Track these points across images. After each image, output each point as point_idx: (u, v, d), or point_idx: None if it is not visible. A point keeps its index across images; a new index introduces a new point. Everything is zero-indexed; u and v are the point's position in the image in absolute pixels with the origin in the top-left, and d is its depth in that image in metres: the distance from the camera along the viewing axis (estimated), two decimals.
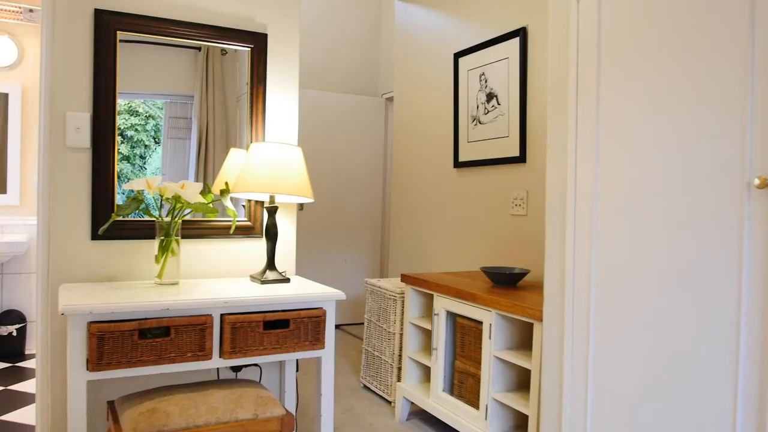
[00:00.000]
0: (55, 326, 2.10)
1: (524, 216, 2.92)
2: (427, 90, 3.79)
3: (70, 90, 2.11)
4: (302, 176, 2.18)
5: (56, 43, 2.09)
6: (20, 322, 3.81)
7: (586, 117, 1.79)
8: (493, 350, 2.30)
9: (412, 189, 3.92)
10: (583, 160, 1.79)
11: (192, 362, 1.83)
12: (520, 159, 2.92)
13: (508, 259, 3.04)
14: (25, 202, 3.91)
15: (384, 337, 3.16)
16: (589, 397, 1.77)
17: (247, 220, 2.39)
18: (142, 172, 2.25)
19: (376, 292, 3.26)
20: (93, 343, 1.69)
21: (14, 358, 3.75)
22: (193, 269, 2.32)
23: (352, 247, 5.07)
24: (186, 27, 2.26)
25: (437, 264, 3.63)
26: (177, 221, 2.08)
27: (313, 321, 1.99)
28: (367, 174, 5.11)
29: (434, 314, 2.63)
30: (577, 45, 1.84)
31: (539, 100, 2.85)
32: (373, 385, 3.28)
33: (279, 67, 2.46)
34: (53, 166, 2.10)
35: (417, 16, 3.92)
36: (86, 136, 2.12)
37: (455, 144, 3.42)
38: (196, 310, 1.83)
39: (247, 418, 1.79)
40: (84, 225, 2.14)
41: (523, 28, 2.92)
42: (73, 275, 2.13)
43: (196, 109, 2.34)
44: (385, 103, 5.16)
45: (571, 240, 1.82)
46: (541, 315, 2.04)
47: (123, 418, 1.73)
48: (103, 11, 2.13)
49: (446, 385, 2.63)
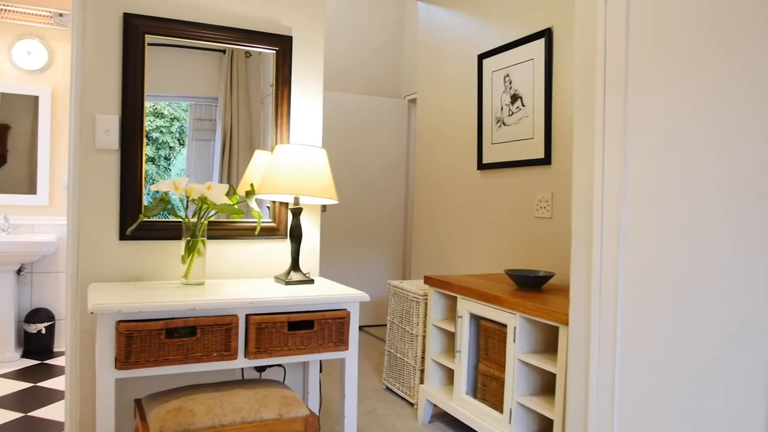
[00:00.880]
0: (84, 325, 2.14)
1: (549, 218, 2.89)
2: (450, 91, 3.78)
3: (100, 93, 2.15)
4: (327, 178, 2.19)
5: (86, 46, 2.13)
6: (49, 320, 3.88)
7: (614, 118, 1.76)
8: (517, 353, 2.28)
9: (435, 191, 3.91)
10: (610, 161, 1.77)
11: (218, 362, 1.84)
12: (545, 161, 2.89)
13: (532, 262, 3.01)
14: (54, 202, 3.99)
15: (407, 339, 3.16)
16: (615, 402, 1.74)
17: (271, 221, 2.41)
18: (166, 173, 2.28)
19: (399, 293, 3.25)
20: (121, 342, 1.71)
21: (43, 356, 3.83)
22: (218, 269, 2.34)
23: (374, 249, 5.07)
24: (212, 30, 2.28)
25: (460, 266, 3.61)
26: (203, 222, 2.10)
27: (337, 322, 2.00)
28: (389, 176, 5.11)
29: (457, 317, 2.62)
30: (604, 45, 1.81)
31: (565, 101, 2.82)
32: (396, 387, 3.28)
33: (303, 70, 2.47)
34: (83, 167, 2.14)
35: (440, 18, 3.92)
36: (115, 138, 2.16)
37: (479, 146, 3.40)
38: (222, 310, 1.85)
39: (271, 418, 1.80)
40: (112, 225, 2.17)
41: (549, 28, 2.89)
42: (101, 275, 2.16)
43: (221, 111, 2.37)
44: (407, 104, 5.16)
45: (598, 242, 1.80)
46: (566, 318, 2.02)
47: (150, 416, 1.75)
48: (132, 15, 2.16)
49: (469, 388, 2.61)
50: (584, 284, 1.86)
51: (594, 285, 1.81)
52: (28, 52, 3.89)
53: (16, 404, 2.97)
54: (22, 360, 3.72)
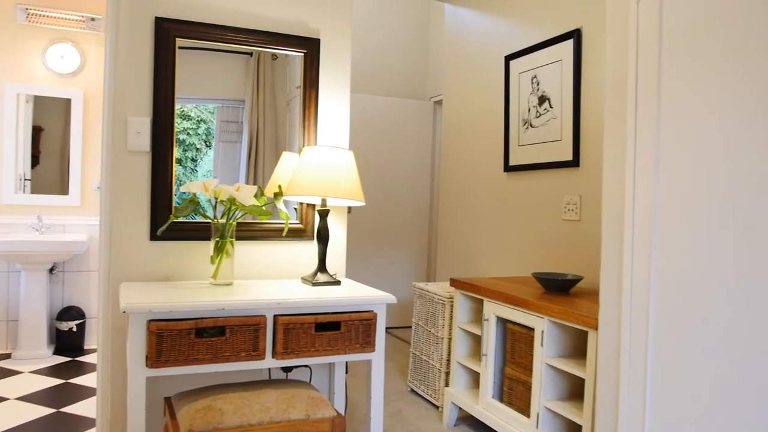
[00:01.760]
0: (116, 323, 2.18)
1: (577, 221, 2.86)
2: (476, 93, 3.76)
3: (132, 95, 2.18)
4: (354, 180, 2.20)
5: (119, 50, 2.17)
6: (80, 318, 3.96)
7: (647, 120, 1.74)
8: (545, 357, 2.26)
9: (461, 193, 3.90)
10: (642, 163, 1.74)
11: (246, 362, 1.86)
12: (574, 163, 2.86)
13: (559, 265, 2.98)
14: (85, 202, 4.07)
15: (432, 342, 3.15)
16: (647, 409, 1.71)
17: (298, 223, 2.42)
18: (193, 174, 2.31)
19: (425, 296, 3.25)
20: (152, 340, 1.74)
21: (74, 353, 3.91)
22: (246, 270, 2.36)
23: (399, 250, 5.07)
24: (242, 33, 2.30)
25: (486, 269, 3.59)
26: (232, 223, 2.12)
27: (364, 324, 2.00)
28: (414, 177, 5.10)
29: (484, 319, 2.60)
30: (636, 46, 1.79)
31: (594, 103, 2.79)
32: (421, 389, 3.27)
33: (331, 72, 2.48)
34: (115, 168, 2.18)
35: (467, 19, 3.90)
36: (146, 140, 2.20)
37: (506, 148, 3.38)
38: (251, 310, 1.87)
39: (299, 418, 1.81)
40: (143, 226, 2.21)
41: (578, 29, 2.86)
42: (132, 274, 2.20)
43: (247, 113, 2.39)
44: (433, 106, 5.15)
45: (629, 246, 1.77)
46: (596, 323, 1.99)
47: (180, 414, 1.77)
48: (164, 19, 2.20)
49: (495, 392, 2.59)
50: (615, 288, 1.83)
51: (625, 289, 1.79)
52: (61, 56, 3.97)
53: (48, 400, 3.04)
54: (54, 357, 3.80)
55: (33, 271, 3.74)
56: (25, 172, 3.96)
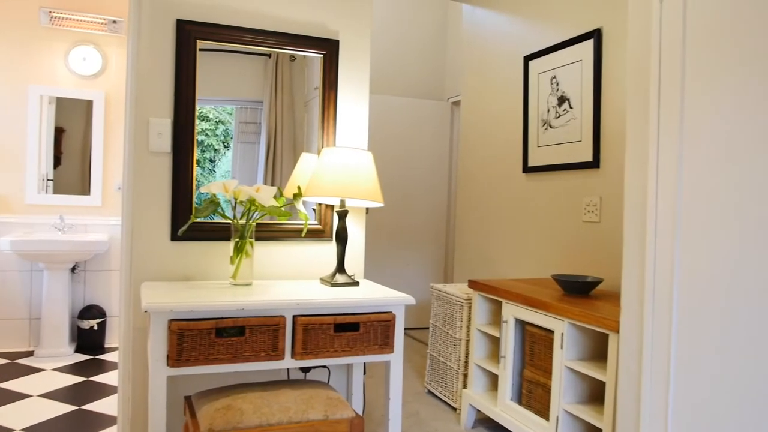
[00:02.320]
0: (137, 322, 2.20)
1: (597, 223, 2.83)
2: (495, 94, 3.75)
3: (153, 97, 2.21)
4: (373, 181, 2.20)
5: (141, 52, 2.19)
6: (100, 317, 4.01)
7: (670, 120, 1.71)
8: (564, 360, 2.24)
9: (479, 194, 3.88)
10: (665, 165, 1.72)
11: (265, 362, 1.87)
12: (593, 164, 2.84)
13: (579, 267, 2.96)
14: (106, 203, 4.12)
15: (449, 343, 3.14)
16: (669, 415, 1.69)
17: (317, 224, 2.43)
18: (211, 175, 2.32)
19: (442, 297, 3.24)
20: (173, 340, 1.75)
21: (95, 351, 3.96)
22: (265, 270, 2.37)
23: (416, 251, 5.06)
24: (262, 35, 2.32)
25: (504, 270, 3.57)
26: (251, 224, 2.13)
27: (383, 325, 2.00)
28: (431, 178, 5.09)
29: (502, 321, 2.59)
30: (659, 46, 1.77)
31: (615, 103, 2.76)
32: (438, 390, 3.26)
33: (350, 73, 2.49)
34: (137, 169, 2.20)
35: (485, 20, 3.88)
36: (167, 141, 2.22)
37: (524, 148, 3.36)
38: (270, 310, 1.87)
39: (317, 419, 1.81)
40: (164, 226, 2.23)
41: (598, 29, 2.83)
42: (153, 274, 2.22)
43: (266, 114, 2.40)
44: (450, 107, 5.14)
45: (652, 248, 1.75)
46: (617, 326, 1.97)
47: (200, 413, 1.78)
48: (185, 21, 2.22)
49: (514, 394, 2.58)
50: (636, 291, 1.81)
51: (647, 292, 1.76)
52: (83, 58, 4.03)
53: (70, 397, 3.08)
54: (76, 355, 3.85)
55: (55, 270, 3.79)
56: (48, 172, 4.02)
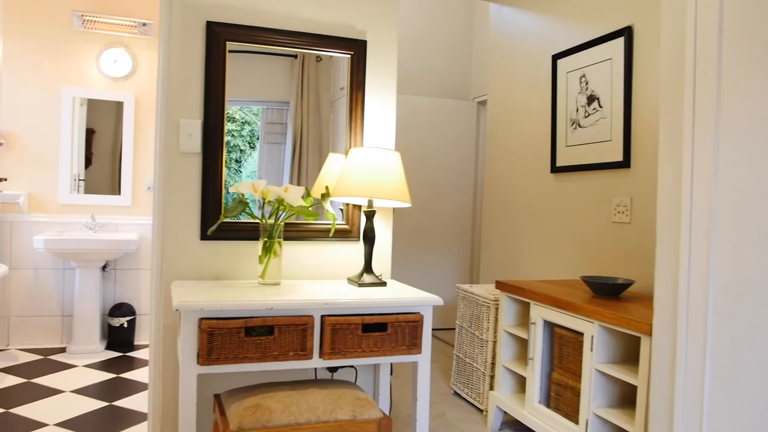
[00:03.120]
0: (167, 320, 2.23)
1: (627, 223, 2.79)
2: (522, 93, 3.71)
3: (184, 98, 2.23)
4: (400, 181, 2.19)
5: (171, 54, 2.22)
6: (130, 314, 4.08)
7: (705, 119, 1.68)
8: (594, 363, 2.21)
9: (506, 194, 3.85)
10: (700, 163, 1.68)
11: (294, 361, 1.87)
12: (624, 164, 2.79)
13: (608, 269, 2.91)
14: (136, 202, 4.19)
15: (476, 344, 3.12)
16: (704, 420, 1.65)
17: (344, 224, 2.43)
18: (237, 175, 2.34)
19: (469, 298, 3.22)
20: (203, 338, 1.77)
21: (125, 348, 4.02)
22: (292, 270, 2.38)
23: (441, 252, 5.04)
24: (290, 36, 2.33)
25: (531, 272, 3.53)
26: (280, 223, 2.15)
27: (411, 325, 1.99)
28: (457, 178, 5.07)
29: (530, 323, 2.56)
30: (694, 43, 1.73)
31: (646, 102, 2.71)
32: (464, 392, 3.24)
33: (377, 73, 2.48)
34: (167, 169, 2.23)
35: (512, 18, 3.85)
36: (197, 141, 2.24)
37: (552, 148, 3.32)
38: (299, 310, 1.88)
39: (345, 419, 1.81)
40: (194, 225, 2.25)
41: (629, 27, 2.79)
42: (183, 273, 2.25)
43: (292, 114, 2.41)
44: (477, 106, 5.11)
45: (686, 249, 1.71)
46: (649, 328, 1.94)
47: (229, 411, 1.80)
48: (215, 23, 2.24)
49: (542, 397, 2.55)
50: (670, 293, 1.78)
51: (681, 295, 1.73)
52: (114, 61, 4.10)
53: (101, 394, 3.14)
54: (106, 352, 3.92)
55: (87, 268, 3.86)
56: (80, 172, 4.11)
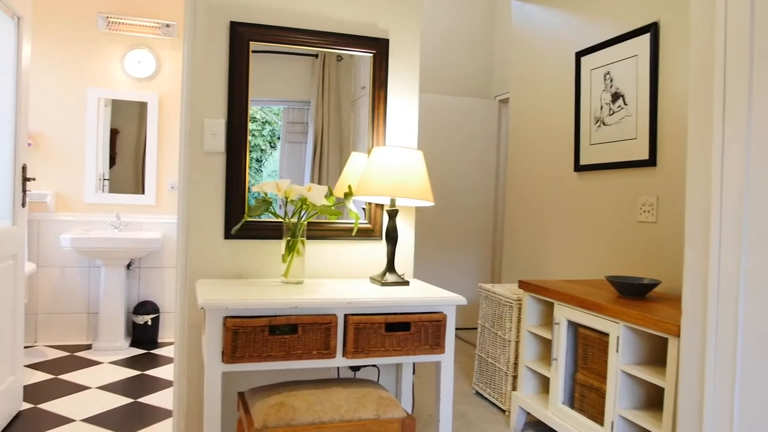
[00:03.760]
0: (192, 318, 2.25)
1: (653, 223, 2.75)
2: (545, 91, 3.68)
3: (208, 98, 2.25)
4: (423, 180, 2.18)
5: (195, 55, 2.23)
6: (154, 312, 4.13)
7: (736, 115, 1.64)
8: (620, 364, 2.18)
9: (529, 193, 3.82)
10: (731, 161, 1.65)
11: (317, 360, 1.88)
12: (650, 162, 2.75)
13: (633, 269, 2.87)
14: (159, 202, 4.24)
15: (498, 344, 3.10)
16: (735, 423, 1.62)
17: (367, 223, 2.43)
18: (258, 175, 2.35)
19: (491, 297, 3.20)
20: (228, 337, 1.78)
21: (149, 345, 4.07)
22: (315, 269, 2.39)
23: (462, 251, 5.02)
24: (313, 35, 2.33)
25: (554, 271, 3.50)
26: (303, 223, 2.15)
27: (434, 325, 1.99)
28: (478, 177, 5.04)
29: (554, 323, 2.54)
30: (725, 37, 1.70)
31: (673, 99, 2.67)
32: (486, 392, 3.22)
33: (399, 72, 2.48)
34: (192, 169, 2.25)
35: (535, 16, 3.82)
36: (221, 141, 2.26)
37: (576, 147, 3.29)
38: (322, 309, 1.89)
39: (369, 418, 1.81)
40: (218, 224, 2.27)
41: (655, 23, 2.74)
42: (207, 271, 2.27)
43: (313, 113, 2.42)
44: (498, 105, 5.07)
45: (716, 248, 1.68)
46: (677, 329, 1.91)
47: (253, 409, 1.81)
48: (238, 23, 2.25)
49: (566, 398, 2.52)
50: (699, 294, 1.74)
51: (711, 295, 1.70)
52: (138, 61, 4.15)
53: (126, 390, 3.18)
54: (131, 349, 3.98)
55: (112, 266, 3.92)
56: (104, 172, 4.17)
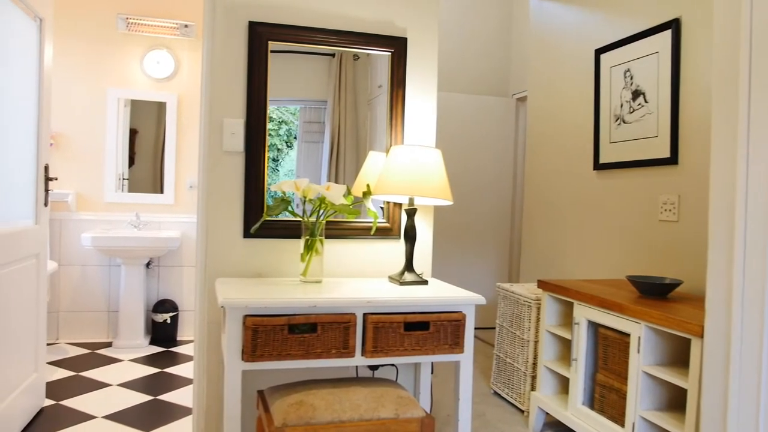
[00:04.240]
0: (211, 316, 2.26)
1: (675, 222, 2.71)
2: (563, 89, 3.65)
3: (227, 98, 2.26)
4: (442, 179, 2.18)
5: (215, 55, 2.25)
6: (173, 310, 4.16)
7: (762, 111, 1.61)
8: (641, 365, 2.15)
9: (547, 192, 3.79)
10: (756, 159, 1.62)
11: (336, 359, 1.88)
12: (671, 160, 2.71)
13: (653, 268, 2.84)
14: (178, 201, 4.27)
15: (517, 344, 3.08)
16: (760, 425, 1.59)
17: (385, 222, 2.43)
18: (275, 174, 2.36)
19: (509, 297, 3.18)
20: (248, 335, 1.79)
21: (168, 343, 4.11)
22: (333, 268, 2.39)
23: (479, 250, 5.00)
24: (330, 34, 2.34)
25: (573, 271, 3.47)
26: (321, 222, 2.16)
27: (453, 324, 1.98)
28: (495, 175, 5.02)
29: (574, 323, 2.52)
30: (750, 34, 1.67)
31: (695, 96, 2.63)
32: (504, 392, 3.20)
33: (417, 70, 2.47)
34: (211, 168, 2.26)
35: (553, 13, 3.79)
36: (240, 140, 2.27)
37: (595, 145, 3.25)
38: (341, 308, 1.89)
39: (388, 417, 1.81)
40: (237, 223, 2.28)
41: (676, 19, 2.71)
42: (226, 270, 2.28)
43: (329, 113, 2.42)
44: (515, 103, 5.04)
45: (741, 248, 1.65)
46: (700, 330, 1.88)
47: (273, 408, 1.82)
48: (257, 23, 2.26)
49: (586, 398, 2.50)
50: (724, 294, 1.72)
51: (735, 295, 1.67)
52: (157, 62, 4.19)
53: (146, 387, 3.21)
54: (150, 347, 4.02)
55: (132, 265, 3.96)
56: (124, 171, 4.21)
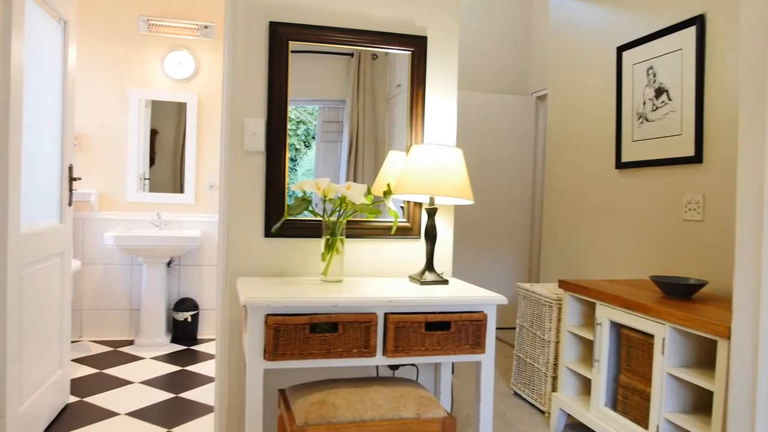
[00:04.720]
0: (233, 315, 2.28)
1: (700, 221, 2.67)
2: (584, 87, 3.61)
3: (248, 98, 2.27)
4: (462, 178, 2.17)
5: (236, 55, 2.26)
6: (194, 309, 4.20)
7: None
8: (666, 366, 2.12)
9: (568, 191, 3.75)
10: None
11: (357, 358, 1.88)
12: (695, 159, 2.67)
13: (677, 268, 2.80)
14: (199, 200, 4.31)
15: (537, 345, 3.06)
16: None
17: (405, 221, 2.42)
18: (293, 174, 2.36)
19: (530, 297, 3.16)
20: (270, 334, 1.80)
21: (189, 342, 4.15)
22: (354, 267, 2.39)
23: (498, 250, 4.97)
24: (350, 34, 2.34)
25: (595, 271, 3.44)
26: (342, 221, 2.16)
27: (474, 324, 1.97)
28: (515, 174, 4.98)
29: (596, 324, 2.49)
30: None
31: (720, 94, 2.58)
32: (525, 392, 3.18)
33: (437, 69, 2.46)
34: (232, 168, 2.28)
35: (574, 10, 3.75)
36: (261, 140, 2.28)
37: (617, 143, 3.21)
38: (362, 308, 1.89)
39: (409, 417, 1.81)
40: (258, 223, 2.29)
41: (701, 15, 2.66)
42: (247, 269, 2.29)
43: (348, 112, 2.42)
44: (535, 101, 5.00)
45: None
46: (727, 331, 1.85)
47: (295, 407, 1.82)
48: (277, 23, 2.27)
49: (608, 400, 2.47)
50: (751, 295, 1.69)
51: (764, 296, 1.64)
52: (178, 63, 4.22)
53: (167, 385, 3.24)
54: (171, 345, 4.06)
55: (153, 264, 4.00)
56: (145, 171, 4.26)
